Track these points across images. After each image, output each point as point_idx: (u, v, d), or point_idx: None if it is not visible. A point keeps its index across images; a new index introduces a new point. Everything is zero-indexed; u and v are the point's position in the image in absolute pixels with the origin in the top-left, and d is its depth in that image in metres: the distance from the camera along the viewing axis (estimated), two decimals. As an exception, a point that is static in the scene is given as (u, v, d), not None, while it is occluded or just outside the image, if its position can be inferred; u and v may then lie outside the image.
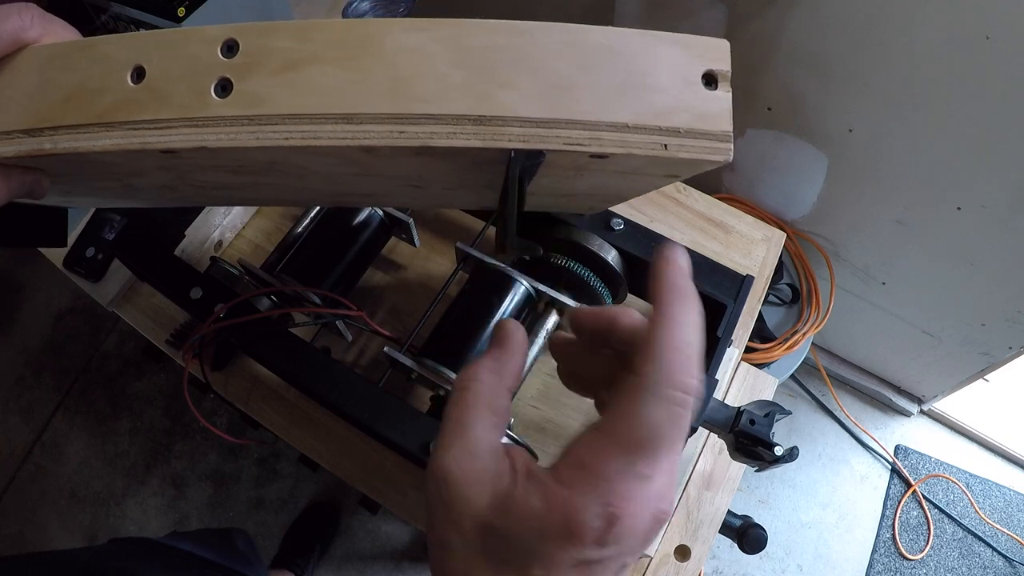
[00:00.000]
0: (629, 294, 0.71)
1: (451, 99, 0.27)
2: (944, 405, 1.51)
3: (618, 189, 0.40)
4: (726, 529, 0.68)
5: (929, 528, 1.44)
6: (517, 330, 0.28)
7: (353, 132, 0.27)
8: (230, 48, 0.27)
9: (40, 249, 0.84)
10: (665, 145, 0.28)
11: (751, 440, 0.56)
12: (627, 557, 0.23)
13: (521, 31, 0.27)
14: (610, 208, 0.64)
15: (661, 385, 0.23)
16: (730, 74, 0.28)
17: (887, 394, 1.53)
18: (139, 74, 0.28)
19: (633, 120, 0.27)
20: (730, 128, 0.28)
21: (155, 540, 0.60)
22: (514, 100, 0.27)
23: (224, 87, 0.27)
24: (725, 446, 0.60)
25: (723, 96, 0.28)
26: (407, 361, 0.63)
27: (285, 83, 0.27)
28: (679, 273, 0.27)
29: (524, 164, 0.28)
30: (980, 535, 1.42)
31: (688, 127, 0.28)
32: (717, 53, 0.28)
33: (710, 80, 0.28)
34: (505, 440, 0.27)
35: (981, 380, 1.30)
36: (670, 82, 0.28)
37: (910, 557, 1.41)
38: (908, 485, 1.48)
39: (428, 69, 0.27)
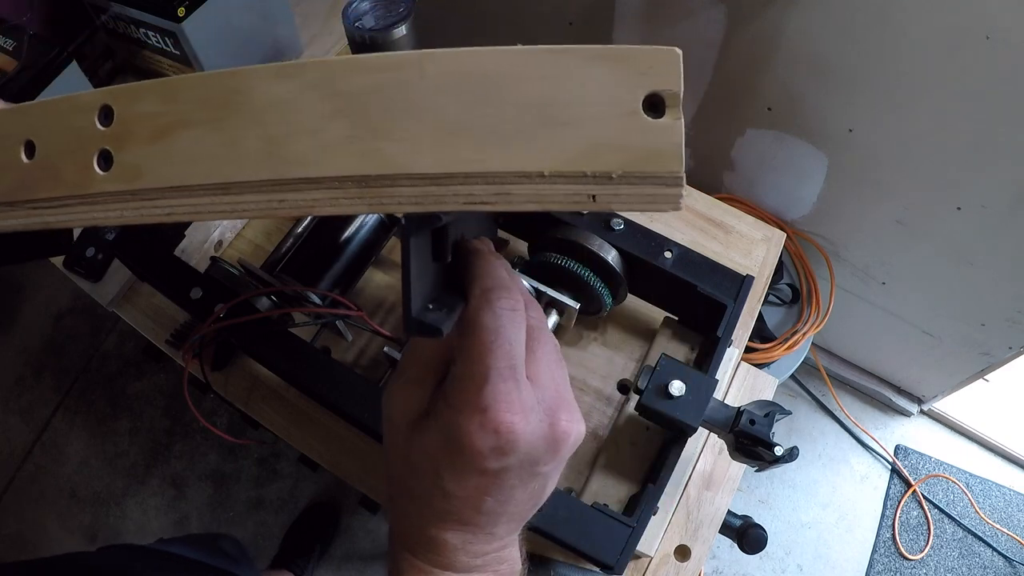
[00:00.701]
0: (629, 294, 0.72)
1: (330, 158, 0.23)
2: (944, 405, 1.51)
3: None
4: (726, 529, 0.68)
5: (929, 528, 1.44)
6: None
7: (232, 204, 0.24)
8: (106, 116, 0.26)
9: (40, 249, 0.84)
10: (593, 196, 0.22)
11: (751, 440, 0.56)
12: (529, 468, 0.28)
13: (401, 64, 0.23)
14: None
15: (488, 301, 0.27)
16: (681, 94, 0.21)
17: (887, 394, 1.53)
18: (30, 149, 0.27)
19: (550, 166, 0.22)
20: (681, 168, 0.21)
21: (145, 546, 0.60)
22: (402, 153, 0.23)
23: (106, 159, 0.26)
24: (725, 446, 0.60)
25: (671, 125, 0.21)
26: (407, 361, 0.63)
27: (160, 152, 0.25)
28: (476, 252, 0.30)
29: (420, 228, 0.25)
30: (980, 535, 1.42)
31: (624, 170, 0.22)
32: (664, 68, 0.21)
33: (654, 105, 0.21)
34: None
35: (981, 380, 1.30)
36: (599, 111, 0.22)
37: (910, 557, 1.41)
38: (908, 485, 1.48)
39: (302, 123, 0.23)
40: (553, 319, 0.68)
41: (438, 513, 0.29)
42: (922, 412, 1.55)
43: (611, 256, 0.66)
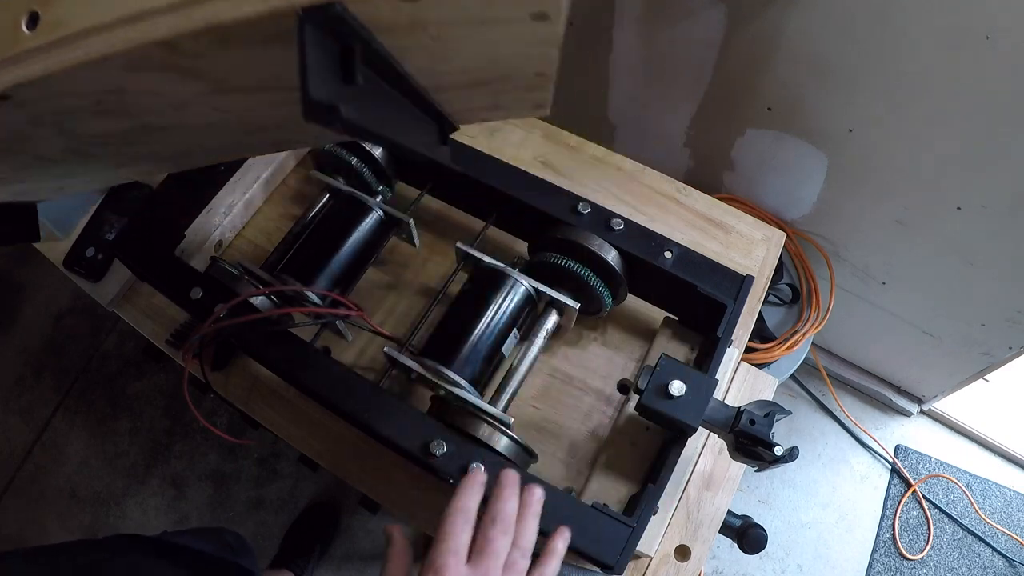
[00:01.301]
0: (629, 294, 0.72)
1: None
2: (944, 405, 1.51)
3: (502, 59, 0.36)
4: (726, 529, 0.68)
5: (929, 528, 1.44)
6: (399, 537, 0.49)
7: (143, 29, 0.27)
8: None
9: (40, 249, 0.84)
10: None
11: (751, 440, 0.56)
12: None
13: None
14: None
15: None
16: None
17: (887, 394, 1.53)
18: None
19: None
20: None
21: (150, 536, 0.61)
22: None
23: (34, 19, 0.28)
24: (725, 446, 0.60)
25: None
26: (407, 361, 0.63)
27: (80, 1, 0.27)
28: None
29: (320, 26, 0.26)
30: (980, 535, 1.42)
31: None
32: None
33: None
34: None
35: (981, 380, 1.30)
36: None
37: (910, 557, 1.41)
38: (908, 485, 1.48)
39: None
40: (553, 319, 0.68)
41: None
42: (922, 412, 1.55)
43: (611, 256, 0.66)
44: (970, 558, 1.41)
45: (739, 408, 0.57)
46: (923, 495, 1.46)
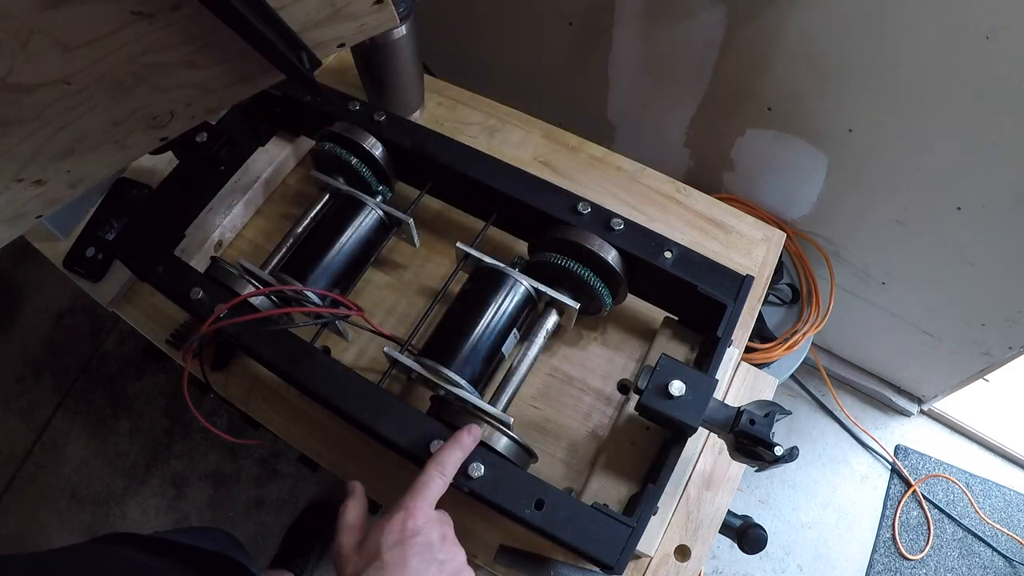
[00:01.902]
0: (629, 294, 0.72)
1: None
2: (944, 405, 1.51)
3: None
4: (726, 529, 0.68)
5: (929, 528, 1.44)
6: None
7: None
8: None
9: (40, 249, 0.84)
10: None
11: (751, 440, 0.56)
12: (426, 550, 0.46)
13: None
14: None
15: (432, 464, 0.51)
16: None
17: (887, 394, 1.53)
18: None
19: None
20: None
21: (142, 535, 0.61)
22: None
23: None
24: (725, 446, 0.60)
25: None
26: (407, 361, 0.63)
27: None
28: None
29: None
30: (980, 535, 1.42)
31: None
32: None
33: None
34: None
35: (981, 380, 1.30)
36: None
37: (910, 557, 1.41)
38: (908, 485, 1.48)
39: None
40: (553, 319, 0.68)
41: None
42: (922, 412, 1.55)
43: (611, 256, 0.66)
44: (970, 558, 1.41)
45: (739, 408, 0.57)
46: (923, 495, 1.46)
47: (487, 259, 0.67)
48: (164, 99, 0.47)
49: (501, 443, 0.58)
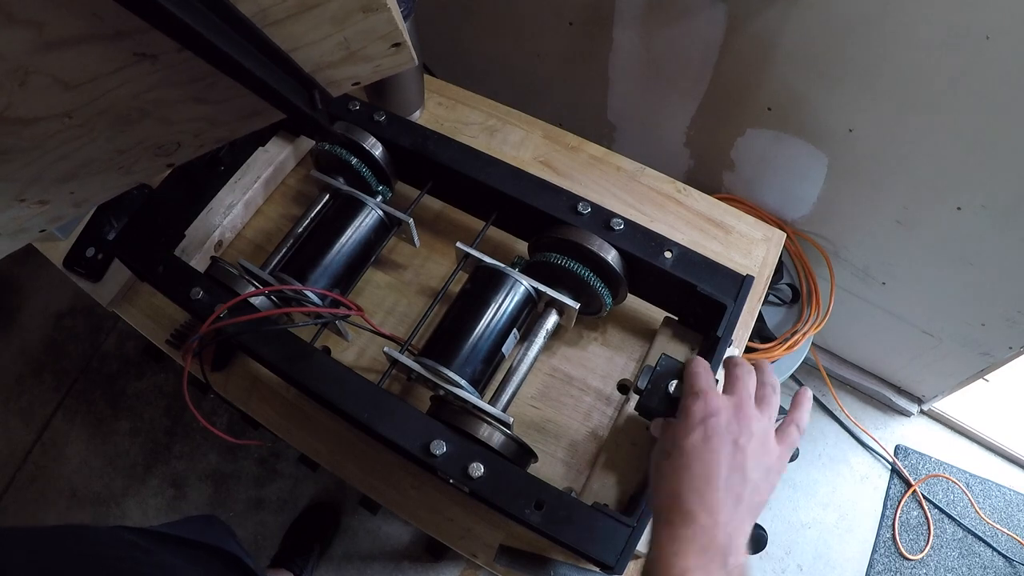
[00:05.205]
0: (629, 294, 0.72)
1: None
2: (944, 405, 1.51)
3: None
4: (726, 529, 0.67)
5: (929, 528, 1.44)
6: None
7: None
8: None
9: (40, 249, 0.84)
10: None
11: (751, 440, 0.56)
12: (725, 429, 0.46)
13: None
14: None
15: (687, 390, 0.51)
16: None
17: (887, 394, 1.53)
18: None
19: None
20: None
21: (140, 528, 0.61)
22: None
23: None
24: (725, 446, 0.60)
25: None
26: (407, 361, 0.63)
27: None
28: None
29: None
30: (980, 535, 1.42)
31: None
32: None
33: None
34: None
35: (981, 380, 1.30)
36: None
37: (910, 557, 1.41)
38: (908, 485, 1.48)
39: None
40: (553, 319, 0.68)
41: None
42: (922, 412, 1.55)
43: (611, 256, 0.66)
44: (970, 558, 1.41)
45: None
46: (923, 495, 1.46)
47: (487, 259, 0.67)
48: (171, 131, 0.47)
49: (501, 443, 0.58)
